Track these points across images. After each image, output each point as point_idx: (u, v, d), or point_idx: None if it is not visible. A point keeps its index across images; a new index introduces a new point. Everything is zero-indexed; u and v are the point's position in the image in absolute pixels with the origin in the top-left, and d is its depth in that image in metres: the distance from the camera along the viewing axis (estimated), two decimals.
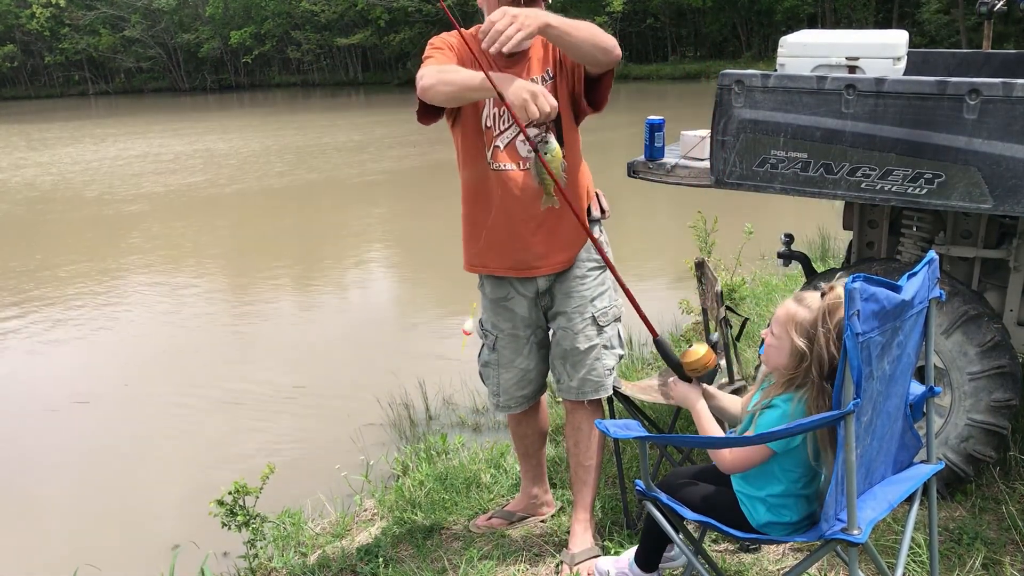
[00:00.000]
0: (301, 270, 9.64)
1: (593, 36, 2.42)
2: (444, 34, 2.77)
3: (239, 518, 3.27)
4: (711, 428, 2.21)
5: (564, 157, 2.50)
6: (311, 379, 6.19)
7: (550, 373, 3.02)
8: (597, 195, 2.90)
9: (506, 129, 2.69)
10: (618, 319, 2.93)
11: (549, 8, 2.63)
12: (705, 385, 2.32)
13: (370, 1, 39.67)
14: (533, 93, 2.31)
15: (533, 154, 2.44)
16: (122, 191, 15.36)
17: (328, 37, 43.43)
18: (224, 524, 3.28)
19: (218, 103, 38.07)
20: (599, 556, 2.88)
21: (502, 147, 2.71)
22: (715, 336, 2.89)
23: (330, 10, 42.42)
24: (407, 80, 40.17)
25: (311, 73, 45.98)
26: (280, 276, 9.48)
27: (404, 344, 6.85)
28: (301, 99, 37.80)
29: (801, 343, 1.97)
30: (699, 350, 2.26)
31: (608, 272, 2.89)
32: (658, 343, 2.42)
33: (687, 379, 2.31)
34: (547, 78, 2.71)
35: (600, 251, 2.66)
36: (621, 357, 2.97)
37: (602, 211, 2.89)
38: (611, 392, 2.95)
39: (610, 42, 2.45)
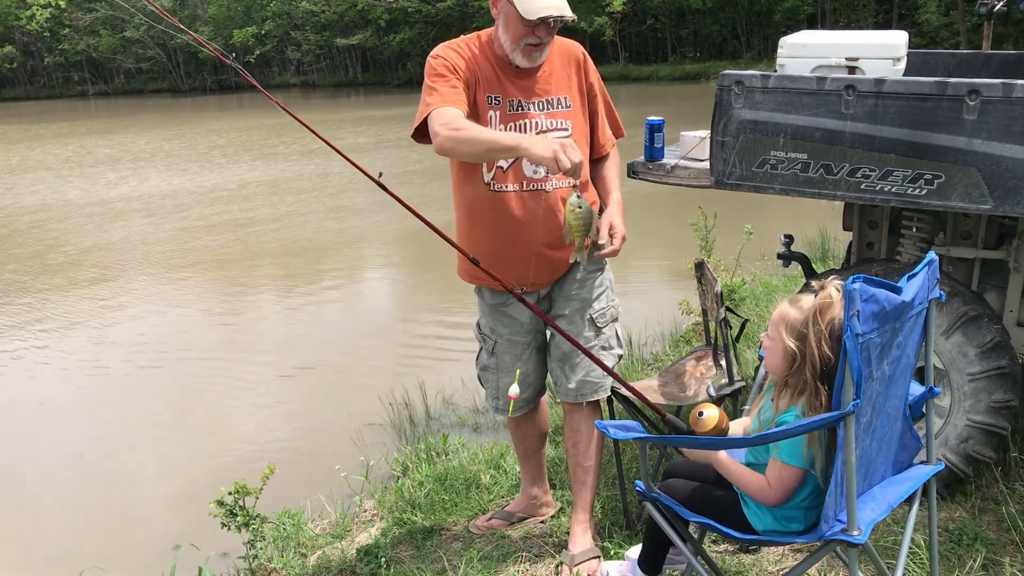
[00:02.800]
0: (300, 271, 9.64)
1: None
2: (446, 48, 2.67)
3: (239, 519, 3.27)
4: (737, 469, 2.11)
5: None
6: (310, 380, 6.19)
7: (549, 375, 3.01)
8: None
9: None
10: (616, 319, 2.93)
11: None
12: None
13: (370, 1, 39.63)
14: (561, 146, 2.33)
15: (571, 209, 2.49)
16: (125, 191, 15.36)
17: (328, 37, 43.37)
18: (224, 525, 3.28)
19: (218, 104, 38.04)
20: (599, 557, 2.89)
21: (505, 167, 2.66)
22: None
23: (330, 10, 42.38)
24: (406, 81, 40.11)
25: (311, 74, 45.93)
26: (279, 277, 9.48)
27: (404, 344, 6.85)
28: (301, 100, 37.75)
29: (792, 344, 1.96)
30: (711, 417, 2.08)
31: (606, 273, 2.88)
32: (668, 422, 2.43)
33: None
34: (565, 104, 2.71)
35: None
36: (620, 357, 2.96)
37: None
38: (610, 393, 2.95)
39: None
